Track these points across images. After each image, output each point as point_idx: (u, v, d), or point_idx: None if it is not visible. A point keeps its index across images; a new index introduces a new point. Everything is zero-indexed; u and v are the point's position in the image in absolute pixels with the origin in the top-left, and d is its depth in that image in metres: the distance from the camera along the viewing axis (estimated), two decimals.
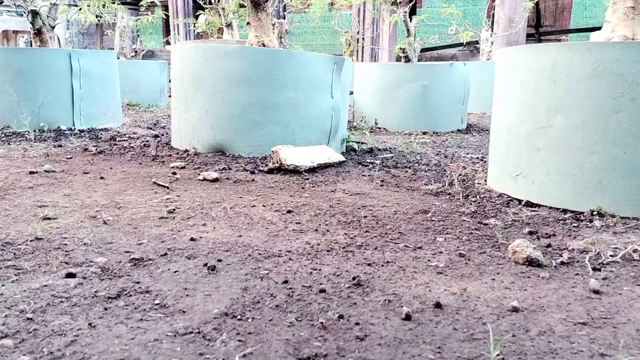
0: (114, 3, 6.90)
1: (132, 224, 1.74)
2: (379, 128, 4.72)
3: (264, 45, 3.29)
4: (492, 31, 6.49)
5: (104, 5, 6.65)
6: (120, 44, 6.96)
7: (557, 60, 1.96)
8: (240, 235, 1.64)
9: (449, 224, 1.80)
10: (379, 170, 2.74)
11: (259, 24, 3.31)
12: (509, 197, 2.16)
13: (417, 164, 2.93)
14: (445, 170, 2.73)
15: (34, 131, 3.75)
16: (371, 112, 4.81)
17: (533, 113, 2.05)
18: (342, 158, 2.88)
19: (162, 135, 3.81)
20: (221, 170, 2.59)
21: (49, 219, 1.78)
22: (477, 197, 2.17)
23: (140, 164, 2.76)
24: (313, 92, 3.03)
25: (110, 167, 2.61)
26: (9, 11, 6.69)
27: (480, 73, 6.26)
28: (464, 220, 1.85)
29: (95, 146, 3.30)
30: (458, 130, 4.76)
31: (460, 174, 2.61)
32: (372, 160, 3.00)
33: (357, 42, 8.06)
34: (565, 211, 1.95)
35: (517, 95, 2.14)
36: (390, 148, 3.55)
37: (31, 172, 2.44)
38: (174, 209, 1.89)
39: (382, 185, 2.39)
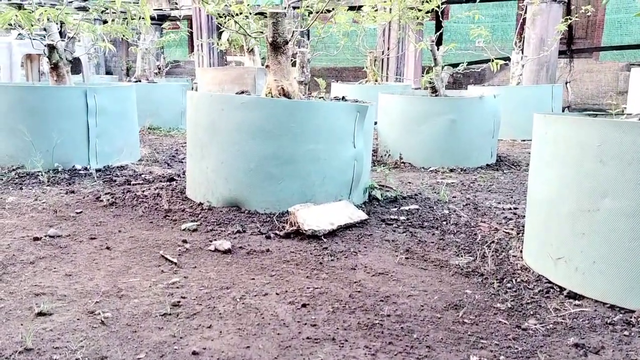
0: (140, 19, 6.86)
1: (131, 324, 1.59)
2: (404, 163, 4.52)
3: (283, 90, 3.14)
4: (523, 53, 6.24)
5: (125, 20, 6.60)
6: (142, 65, 6.89)
7: (605, 138, 1.75)
8: (248, 347, 1.48)
9: (483, 328, 1.60)
10: (403, 232, 2.55)
11: (278, 67, 3.16)
12: (548, 281, 1.95)
13: (444, 222, 2.73)
14: (476, 234, 2.52)
15: (48, 172, 3.66)
16: (396, 145, 4.61)
17: (577, 193, 1.84)
18: (363, 216, 2.69)
19: (178, 176, 3.68)
20: (235, 235, 2.43)
21: (44, 314, 1.63)
22: (513, 280, 1.97)
23: (151, 222, 2.62)
24: (334, 142, 2.86)
25: (119, 230, 2.48)
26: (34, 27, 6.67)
27: (510, 98, 6.02)
28: (499, 322, 1.65)
29: (108, 194, 3.18)
30: (487, 165, 4.54)
31: (492, 241, 2.41)
32: (396, 217, 2.81)
33: (382, 63, 7.87)
34: (613, 307, 1.73)
35: (558, 169, 1.93)
36: (415, 194, 3.35)
37: (35, 239, 2.31)
38: (178, 302, 1.74)
39: (407, 259, 2.20)
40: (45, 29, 4.17)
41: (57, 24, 4.64)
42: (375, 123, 5.05)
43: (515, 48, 6.30)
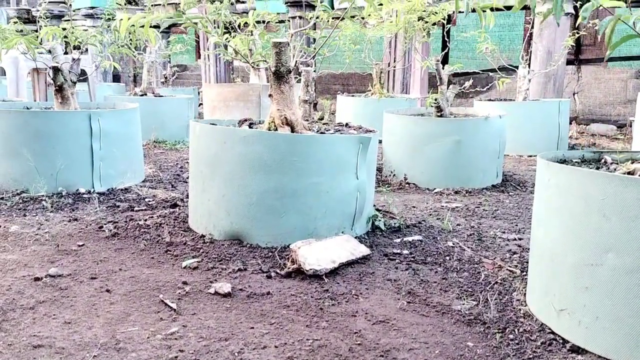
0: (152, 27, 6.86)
1: None
2: (408, 184, 4.49)
3: (286, 119, 3.13)
4: (530, 67, 6.19)
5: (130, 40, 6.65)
6: (148, 78, 6.91)
7: (608, 192, 1.72)
8: None
9: None
10: (405, 270, 2.53)
11: (281, 97, 3.14)
12: (551, 331, 1.92)
13: (448, 257, 2.71)
14: (479, 272, 2.50)
15: (52, 196, 3.67)
16: (400, 165, 4.59)
17: (580, 245, 1.82)
18: (366, 251, 2.67)
19: (182, 201, 3.68)
20: (235, 274, 2.42)
21: None
22: (515, 330, 1.94)
23: (152, 258, 2.61)
24: (337, 175, 2.84)
25: (119, 268, 2.47)
26: (38, 49, 6.69)
27: (516, 114, 5.98)
28: None
29: (111, 222, 3.18)
30: (493, 186, 4.50)
31: (496, 282, 2.38)
32: (399, 250, 2.78)
33: (389, 75, 7.84)
34: None
35: (561, 220, 1.90)
36: (419, 222, 3.33)
37: (36, 279, 2.31)
38: (176, 356, 1.72)
39: (409, 303, 2.18)
40: (50, 51, 4.18)
41: (62, 44, 4.65)
42: (380, 141, 5.04)
43: (522, 62, 6.26)
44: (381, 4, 3.82)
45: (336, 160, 2.82)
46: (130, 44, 7.20)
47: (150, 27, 7.70)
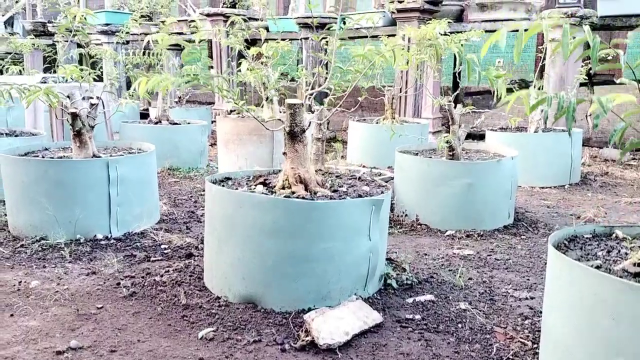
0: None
1: None
2: (420, 224, 4.53)
3: (300, 177, 3.18)
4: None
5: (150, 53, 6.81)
6: (163, 106, 6.99)
7: (619, 298, 1.75)
8: None
9: None
10: (418, 340, 2.57)
11: (295, 155, 3.20)
12: None
13: (460, 324, 2.74)
14: (491, 345, 2.53)
15: (70, 243, 3.75)
16: (412, 205, 4.62)
17: (589, 344, 1.85)
18: (378, 319, 2.71)
19: (196, 248, 3.74)
20: (250, 346, 2.47)
21: None
22: None
23: (169, 325, 2.67)
24: (350, 239, 2.89)
25: (138, 339, 2.53)
26: (54, 78, 6.81)
27: (528, 145, 6.00)
28: None
29: (128, 277, 3.26)
30: (505, 227, 4.52)
31: (508, 358, 2.41)
32: (411, 315, 2.82)
33: (400, 100, 7.87)
34: None
35: (572, 313, 1.93)
36: (431, 276, 3.36)
37: (58, 353, 2.38)
38: None
39: None
40: (68, 96, 4.26)
41: (79, 86, 4.74)
42: (392, 178, 5.08)
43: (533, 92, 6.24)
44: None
45: (350, 224, 2.87)
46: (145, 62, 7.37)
47: (168, 48, 7.76)
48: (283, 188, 3.18)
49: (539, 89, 6.32)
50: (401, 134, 5.01)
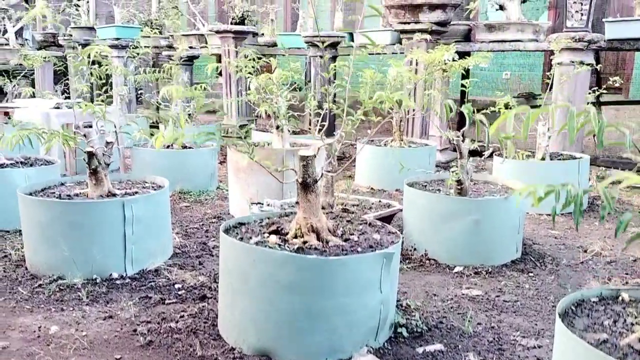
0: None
1: None
2: (429, 259, 4.59)
3: (312, 227, 3.26)
4: (549, 123, 6.24)
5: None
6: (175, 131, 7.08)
7: None
8: None
9: None
10: None
11: (307, 205, 3.28)
12: None
13: None
14: None
15: (87, 283, 3.84)
16: (421, 240, 4.69)
17: None
18: None
19: (209, 289, 3.82)
20: None
21: None
22: None
23: None
24: (362, 292, 2.96)
25: None
26: (67, 104, 6.92)
27: (536, 174, 6.05)
28: None
29: (144, 322, 3.34)
30: (512, 262, 4.58)
31: None
32: None
33: (408, 122, 7.93)
34: None
35: None
36: (440, 321, 3.43)
37: None
38: None
39: None
40: (85, 135, 4.35)
41: (96, 124, 4.84)
42: (400, 210, 5.14)
43: (541, 118, 6.31)
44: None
45: (361, 279, 2.94)
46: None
47: (177, 64, 7.85)
48: (296, 237, 3.26)
49: (545, 120, 6.35)
50: (409, 167, 5.06)
